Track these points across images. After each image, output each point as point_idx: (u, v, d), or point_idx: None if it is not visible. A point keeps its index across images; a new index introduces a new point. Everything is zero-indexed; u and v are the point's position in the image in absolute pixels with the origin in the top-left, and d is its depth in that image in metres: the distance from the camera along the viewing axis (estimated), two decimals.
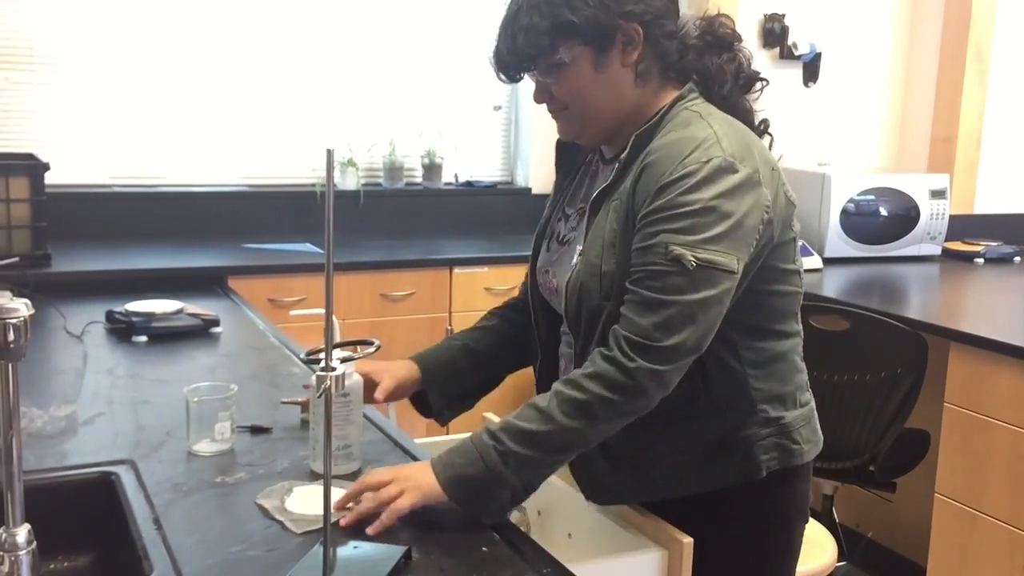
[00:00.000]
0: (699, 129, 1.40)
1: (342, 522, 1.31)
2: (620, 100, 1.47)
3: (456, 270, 3.54)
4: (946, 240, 3.91)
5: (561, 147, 1.67)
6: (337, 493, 1.34)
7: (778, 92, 1.58)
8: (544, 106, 1.53)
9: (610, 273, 1.41)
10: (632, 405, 1.36)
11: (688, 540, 1.37)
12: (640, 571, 1.36)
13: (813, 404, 1.58)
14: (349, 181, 3.90)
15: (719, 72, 1.49)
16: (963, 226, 4.10)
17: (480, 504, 1.35)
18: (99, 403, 1.84)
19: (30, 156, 3.13)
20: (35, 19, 3.46)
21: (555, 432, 1.34)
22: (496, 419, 1.63)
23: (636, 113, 1.49)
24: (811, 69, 4.24)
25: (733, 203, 1.35)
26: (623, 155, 1.46)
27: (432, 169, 4.10)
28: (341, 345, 1.63)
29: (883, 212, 3.81)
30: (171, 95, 3.70)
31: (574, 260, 1.48)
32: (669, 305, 1.32)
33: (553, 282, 1.57)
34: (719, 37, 1.50)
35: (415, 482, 1.34)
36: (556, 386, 1.37)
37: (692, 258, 1.32)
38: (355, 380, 1.52)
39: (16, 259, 2.81)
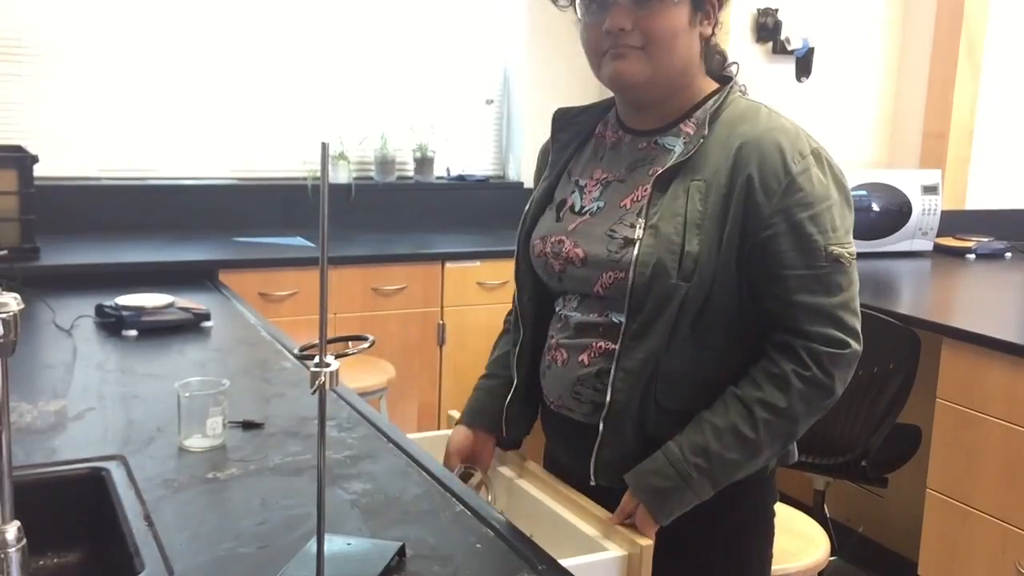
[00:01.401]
0: (780, 119, 1.45)
1: None
2: (689, 64, 1.47)
3: (448, 264, 3.53)
4: (938, 236, 3.91)
5: (559, 119, 1.62)
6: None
7: (771, 87, 1.58)
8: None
9: (693, 254, 1.38)
10: (826, 412, 1.45)
11: (648, 543, 1.38)
12: (601, 573, 1.36)
13: None
14: (340, 174, 3.88)
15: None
16: (955, 221, 4.10)
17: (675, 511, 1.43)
18: (89, 398, 1.83)
19: (18, 148, 3.11)
20: (24, 10, 3.43)
21: (762, 457, 1.44)
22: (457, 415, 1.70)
23: (688, 88, 1.49)
24: (804, 64, 4.23)
25: (848, 189, 1.45)
26: (693, 134, 1.45)
27: (424, 163, 4.09)
28: (334, 341, 1.61)
29: (875, 207, 3.82)
30: (161, 87, 3.67)
31: (637, 233, 1.42)
32: (841, 308, 1.39)
33: (577, 251, 1.50)
34: None
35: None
36: (761, 413, 1.40)
37: (848, 255, 1.40)
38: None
39: (4, 252, 2.79)
